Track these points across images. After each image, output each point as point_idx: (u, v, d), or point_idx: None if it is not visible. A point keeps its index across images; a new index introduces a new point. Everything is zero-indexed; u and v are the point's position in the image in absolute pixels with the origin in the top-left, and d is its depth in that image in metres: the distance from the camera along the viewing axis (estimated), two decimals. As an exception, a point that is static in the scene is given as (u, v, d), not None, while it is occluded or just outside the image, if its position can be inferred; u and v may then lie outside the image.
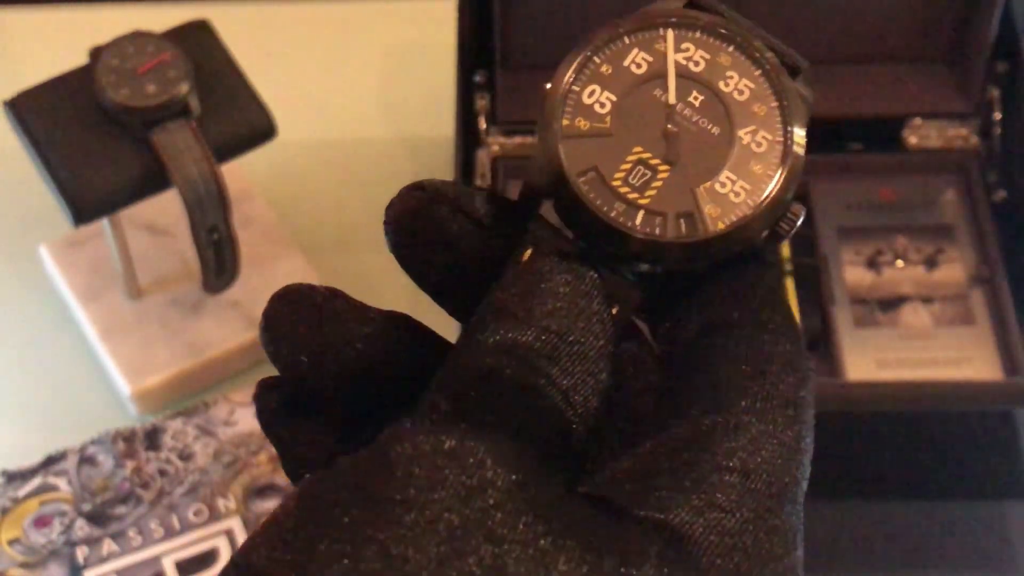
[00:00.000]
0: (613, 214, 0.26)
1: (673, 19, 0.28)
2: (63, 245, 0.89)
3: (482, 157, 0.91)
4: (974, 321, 0.90)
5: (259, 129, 0.80)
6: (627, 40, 0.28)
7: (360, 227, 0.93)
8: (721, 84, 0.27)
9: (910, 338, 0.89)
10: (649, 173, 0.26)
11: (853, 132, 0.96)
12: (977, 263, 0.91)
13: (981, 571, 0.85)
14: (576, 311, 0.25)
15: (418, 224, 0.27)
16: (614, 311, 0.26)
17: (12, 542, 0.78)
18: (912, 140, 0.96)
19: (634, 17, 0.28)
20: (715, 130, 0.27)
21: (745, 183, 0.26)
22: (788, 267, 0.91)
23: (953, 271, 0.92)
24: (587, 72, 0.27)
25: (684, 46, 0.27)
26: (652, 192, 0.26)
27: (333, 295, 0.28)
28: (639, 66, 0.27)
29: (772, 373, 0.26)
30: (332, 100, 1.01)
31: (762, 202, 0.26)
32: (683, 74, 0.27)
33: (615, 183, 0.26)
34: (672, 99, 0.27)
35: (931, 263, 0.92)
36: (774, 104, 0.27)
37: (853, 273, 0.92)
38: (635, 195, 0.26)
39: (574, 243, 0.26)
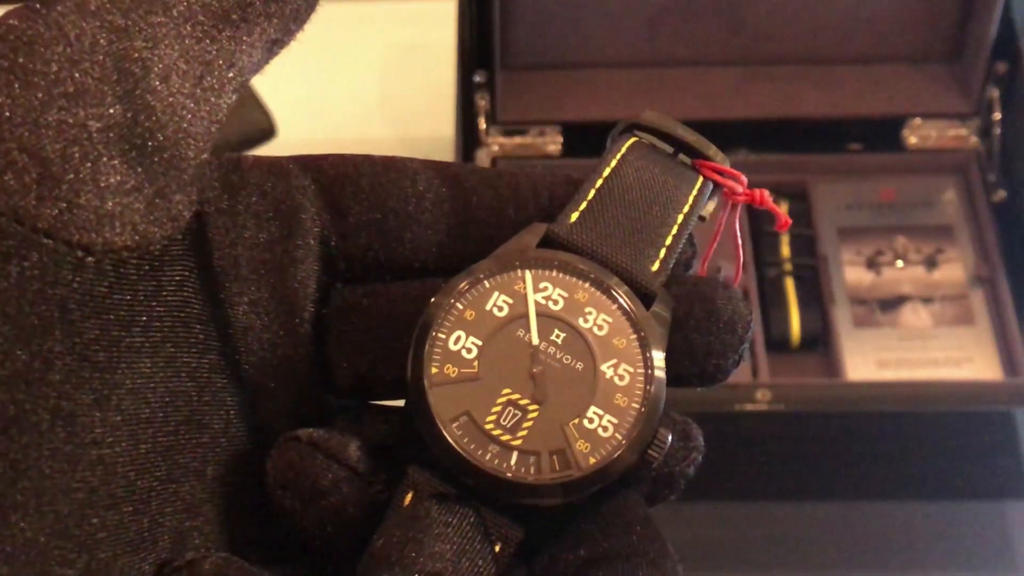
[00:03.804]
0: (487, 457, 0.26)
1: (530, 260, 0.28)
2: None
3: (482, 157, 0.91)
4: (974, 321, 0.89)
5: (259, 129, 0.80)
6: (487, 284, 0.28)
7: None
8: (580, 321, 0.28)
9: (910, 338, 0.89)
10: (519, 413, 0.27)
11: (853, 132, 0.96)
12: (977, 263, 0.91)
13: (981, 571, 0.85)
14: (460, 553, 0.25)
15: (294, 476, 0.26)
16: (497, 549, 0.26)
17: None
18: (912, 140, 0.96)
19: (491, 260, 0.28)
20: (579, 366, 0.27)
21: (612, 417, 0.27)
22: (788, 267, 0.91)
23: (953, 271, 0.92)
24: (451, 319, 0.27)
25: (542, 286, 0.28)
26: (524, 432, 0.27)
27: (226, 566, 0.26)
28: (501, 309, 0.28)
29: None
30: (332, 100, 1.01)
31: (630, 434, 0.27)
32: (544, 313, 0.28)
33: (487, 426, 0.27)
34: (535, 339, 0.27)
35: (931, 263, 0.92)
36: (632, 336, 0.28)
37: (853, 273, 0.92)
38: (507, 436, 0.27)
39: (452, 485, 0.26)
